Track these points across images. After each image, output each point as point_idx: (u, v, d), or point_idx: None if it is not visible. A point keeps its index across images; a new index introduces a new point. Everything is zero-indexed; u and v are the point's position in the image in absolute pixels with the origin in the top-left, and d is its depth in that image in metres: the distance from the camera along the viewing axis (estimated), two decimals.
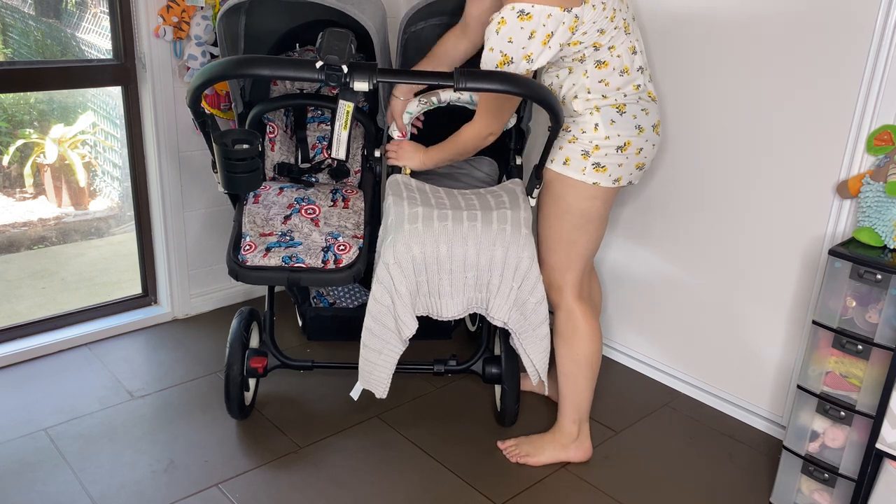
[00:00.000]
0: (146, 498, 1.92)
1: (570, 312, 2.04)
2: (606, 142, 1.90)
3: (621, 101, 1.90)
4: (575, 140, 1.92)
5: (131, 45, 2.55)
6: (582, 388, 2.08)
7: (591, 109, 1.90)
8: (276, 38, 2.37)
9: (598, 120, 1.89)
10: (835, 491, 1.86)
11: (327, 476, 2.03)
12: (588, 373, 2.07)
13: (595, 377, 2.09)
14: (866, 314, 1.75)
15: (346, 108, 1.73)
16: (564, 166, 1.94)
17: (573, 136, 1.93)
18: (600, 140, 1.90)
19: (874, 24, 1.87)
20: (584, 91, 1.89)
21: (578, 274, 2.04)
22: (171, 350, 2.64)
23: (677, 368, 2.55)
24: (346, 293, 2.82)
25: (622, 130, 1.90)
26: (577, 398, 2.09)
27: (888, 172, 1.82)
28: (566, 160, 1.94)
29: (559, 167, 1.95)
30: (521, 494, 2.00)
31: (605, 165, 1.91)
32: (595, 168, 1.92)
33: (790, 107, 2.09)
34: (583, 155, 1.91)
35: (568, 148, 1.94)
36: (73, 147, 3.41)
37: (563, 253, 2.01)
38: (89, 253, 3.44)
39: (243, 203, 2.14)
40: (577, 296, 2.04)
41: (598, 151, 1.90)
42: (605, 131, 1.89)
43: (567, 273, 2.02)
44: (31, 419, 2.21)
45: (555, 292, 2.04)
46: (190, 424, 2.22)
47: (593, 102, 1.89)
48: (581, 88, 1.89)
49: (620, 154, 1.91)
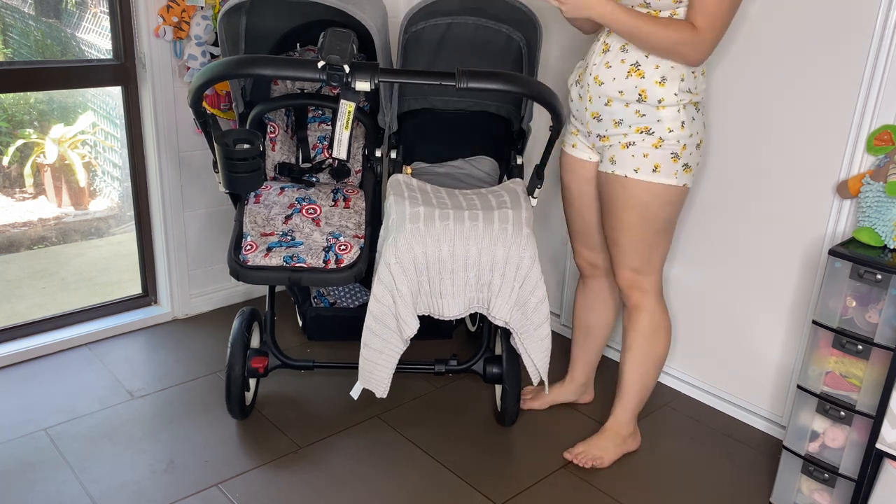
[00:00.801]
0: (146, 498, 1.92)
1: (654, 313, 2.04)
2: (691, 140, 1.86)
3: (699, 99, 1.87)
4: (661, 143, 1.84)
5: (131, 45, 2.55)
6: (650, 386, 2.13)
7: (678, 106, 1.82)
8: (277, 37, 2.37)
9: (684, 117, 1.84)
10: (835, 491, 1.87)
11: (327, 476, 2.03)
12: (659, 370, 2.12)
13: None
14: (866, 314, 1.75)
15: (348, 107, 1.74)
16: (655, 174, 1.86)
17: (658, 138, 1.84)
18: (686, 138, 1.85)
19: (874, 24, 1.87)
20: (677, 80, 1.80)
21: (660, 274, 2.04)
22: (171, 350, 2.64)
23: (677, 368, 2.56)
24: (346, 293, 2.82)
25: (700, 128, 1.88)
26: (643, 394, 2.13)
27: (888, 172, 1.82)
28: (656, 167, 1.85)
29: (648, 175, 1.86)
30: (521, 494, 2.00)
31: (691, 165, 1.89)
32: (685, 169, 1.88)
33: (790, 107, 2.09)
34: (672, 158, 1.85)
35: (654, 154, 1.85)
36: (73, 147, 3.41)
37: (647, 258, 1.98)
38: (89, 253, 3.43)
39: (244, 203, 2.14)
40: (659, 296, 2.05)
41: (685, 151, 1.86)
42: (689, 129, 1.85)
43: (651, 275, 2.01)
44: (31, 419, 2.21)
45: (639, 295, 2.03)
46: (190, 424, 2.22)
47: (687, 98, 1.82)
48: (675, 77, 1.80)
49: (697, 151, 1.90)
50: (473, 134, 2.41)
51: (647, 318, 2.04)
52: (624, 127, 1.88)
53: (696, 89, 1.85)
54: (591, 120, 1.94)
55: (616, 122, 1.88)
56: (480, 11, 2.20)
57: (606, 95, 1.87)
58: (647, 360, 2.08)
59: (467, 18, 2.23)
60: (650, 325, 2.05)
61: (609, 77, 1.86)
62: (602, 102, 1.89)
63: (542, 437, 2.25)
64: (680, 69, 1.81)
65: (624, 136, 1.88)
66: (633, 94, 1.83)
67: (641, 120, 1.85)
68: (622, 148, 1.89)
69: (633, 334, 2.07)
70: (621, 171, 1.89)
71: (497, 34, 2.26)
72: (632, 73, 1.82)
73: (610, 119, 1.89)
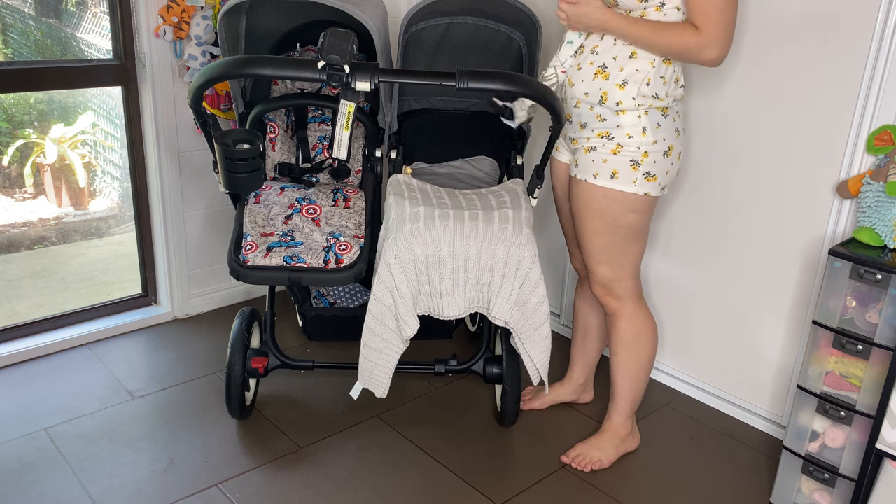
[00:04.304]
0: (146, 498, 1.92)
1: (633, 318, 2.02)
2: (654, 147, 1.81)
3: (665, 105, 1.81)
4: (620, 149, 1.81)
5: (131, 45, 2.55)
6: (642, 388, 2.11)
7: (638, 111, 1.78)
8: (277, 37, 2.37)
9: (645, 123, 1.80)
10: (835, 491, 1.87)
11: (327, 476, 2.03)
12: (649, 371, 2.10)
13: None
14: (866, 314, 1.75)
15: (348, 107, 1.74)
16: (612, 180, 1.83)
17: (617, 144, 1.81)
18: (648, 145, 1.81)
19: (874, 24, 1.87)
20: (639, 84, 1.76)
21: (635, 279, 2.00)
22: (171, 350, 2.64)
23: (677, 368, 2.56)
24: (346, 293, 2.82)
25: (668, 135, 1.83)
26: (636, 396, 2.12)
27: (888, 172, 1.82)
28: (613, 173, 1.82)
29: (605, 181, 1.84)
30: (521, 494, 2.00)
31: (655, 174, 1.84)
32: (647, 178, 1.84)
33: (790, 107, 2.09)
34: (632, 165, 1.81)
35: (612, 160, 1.82)
36: (72, 147, 3.41)
37: (616, 264, 1.96)
38: (89, 253, 3.43)
39: (244, 203, 2.14)
40: (637, 300, 2.02)
41: (647, 159, 1.82)
42: (653, 135, 1.81)
43: (624, 281, 1.98)
44: (31, 419, 2.21)
45: (614, 301, 2.01)
46: (190, 424, 2.22)
47: (647, 102, 1.78)
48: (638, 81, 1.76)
49: (666, 160, 1.84)
50: (473, 134, 2.41)
51: (626, 323, 2.03)
52: (587, 130, 1.87)
53: (665, 95, 1.80)
54: (566, 122, 1.95)
55: (581, 124, 1.88)
56: (480, 11, 2.20)
57: (576, 98, 1.87)
58: (634, 364, 2.07)
59: (467, 18, 2.23)
60: (630, 331, 2.03)
61: (579, 79, 1.85)
62: (572, 104, 1.89)
63: (542, 437, 2.25)
64: (646, 73, 1.76)
65: (587, 140, 1.88)
66: (595, 96, 1.82)
67: (602, 124, 1.83)
68: (585, 152, 1.88)
69: (615, 341, 2.07)
70: (582, 175, 1.89)
71: (497, 34, 2.26)
72: (598, 76, 1.81)
73: (577, 121, 1.89)
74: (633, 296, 2.02)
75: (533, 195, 2.08)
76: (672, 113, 1.85)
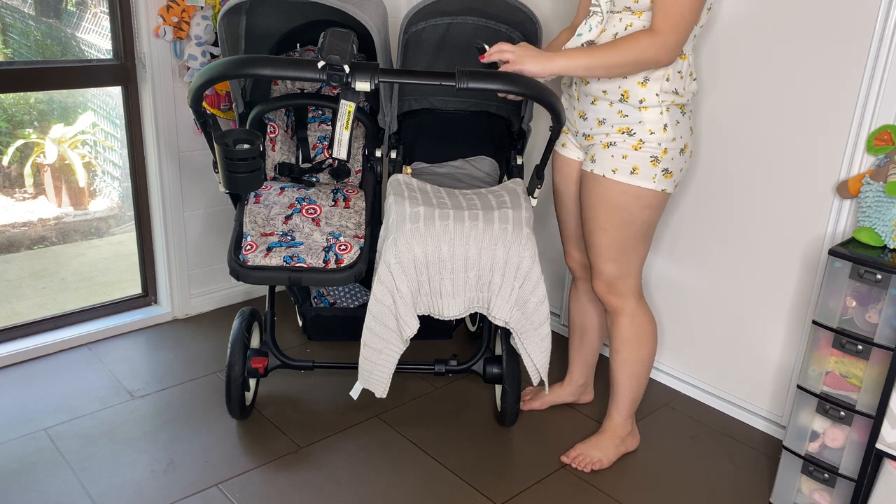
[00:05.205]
0: (146, 498, 1.92)
1: (635, 317, 2.03)
2: (673, 144, 1.84)
3: (684, 102, 1.84)
4: (641, 145, 1.83)
5: (131, 45, 2.55)
6: (642, 386, 2.12)
7: (661, 107, 1.80)
8: (277, 37, 2.37)
9: (667, 120, 1.81)
10: (835, 491, 1.87)
11: (327, 476, 2.03)
12: (649, 369, 2.10)
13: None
14: (866, 314, 1.75)
15: (348, 107, 1.74)
16: (633, 175, 1.84)
17: (639, 140, 1.83)
18: (668, 142, 1.83)
19: (874, 24, 1.87)
20: (660, 81, 1.78)
21: (638, 277, 2.02)
22: (171, 350, 2.64)
23: (677, 368, 2.56)
24: (346, 293, 2.82)
25: (684, 132, 1.86)
26: (636, 394, 2.12)
27: (888, 172, 1.82)
28: (634, 169, 1.84)
29: (625, 177, 1.85)
30: (521, 494, 2.00)
31: (672, 171, 1.87)
32: (665, 174, 1.86)
33: (790, 107, 2.09)
34: (652, 161, 1.83)
35: (633, 155, 1.84)
36: (72, 147, 3.41)
37: (623, 261, 1.96)
38: (89, 253, 3.43)
39: (244, 203, 2.14)
40: (638, 298, 2.03)
41: (666, 155, 1.84)
42: (672, 132, 1.83)
43: (628, 279, 1.99)
44: (31, 419, 2.21)
45: (616, 299, 2.01)
46: (190, 424, 2.22)
47: (670, 99, 1.80)
48: (659, 78, 1.78)
49: (681, 157, 1.87)
50: (473, 134, 2.41)
51: (628, 321, 2.04)
52: (606, 126, 1.87)
53: (683, 91, 1.82)
54: (577, 119, 1.95)
55: (600, 121, 1.89)
56: (480, 11, 2.20)
57: (592, 94, 1.88)
58: (635, 362, 2.07)
59: (467, 18, 2.23)
60: (631, 329, 2.04)
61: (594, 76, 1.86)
62: (588, 101, 1.90)
63: (542, 438, 2.25)
64: (664, 69, 1.79)
65: (606, 136, 1.88)
66: (615, 93, 1.83)
67: (623, 120, 1.84)
68: (603, 147, 1.89)
69: (616, 339, 2.07)
70: (600, 170, 1.89)
71: (497, 34, 2.26)
72: None
73: (594, 118, 1.90)
74: (635, 294, 2.03)
75: (533, 195, 2.08)
76: (687, 111, 1.87)
